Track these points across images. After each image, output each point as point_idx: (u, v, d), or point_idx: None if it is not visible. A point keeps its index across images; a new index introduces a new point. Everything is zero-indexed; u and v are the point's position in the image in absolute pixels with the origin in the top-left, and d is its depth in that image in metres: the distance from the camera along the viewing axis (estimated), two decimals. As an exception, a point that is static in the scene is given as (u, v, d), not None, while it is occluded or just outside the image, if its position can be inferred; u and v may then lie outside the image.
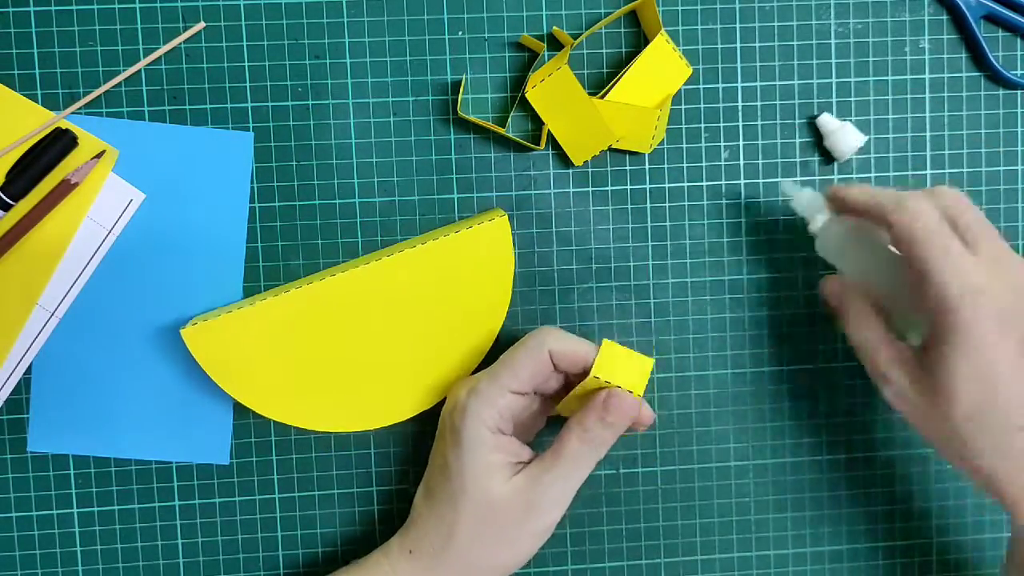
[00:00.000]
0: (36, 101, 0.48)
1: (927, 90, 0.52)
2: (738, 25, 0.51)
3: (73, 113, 0.48)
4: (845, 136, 0.50)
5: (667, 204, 0.51)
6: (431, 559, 0.46)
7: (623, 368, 0.44)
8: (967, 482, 0.54)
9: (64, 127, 0.48)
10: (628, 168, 0.51)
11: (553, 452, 0.45)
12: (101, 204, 0.49)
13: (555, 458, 0.45)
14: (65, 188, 0.48)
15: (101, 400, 0.50)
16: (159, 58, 0.49)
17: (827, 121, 0.51)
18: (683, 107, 0.51)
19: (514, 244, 0.51)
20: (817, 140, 0.51)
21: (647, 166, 0.51)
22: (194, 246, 0.49)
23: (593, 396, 0.45)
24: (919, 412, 0.43)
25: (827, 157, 0.51)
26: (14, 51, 0.48)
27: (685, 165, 0.51)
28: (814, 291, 0.52)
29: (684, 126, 0.51)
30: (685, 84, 0.50)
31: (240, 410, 0.51)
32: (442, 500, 0.45)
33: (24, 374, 0.49)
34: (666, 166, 0.51)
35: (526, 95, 0.49)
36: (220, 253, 0.49)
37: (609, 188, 0.51)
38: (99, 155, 0.48)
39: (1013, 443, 0.41)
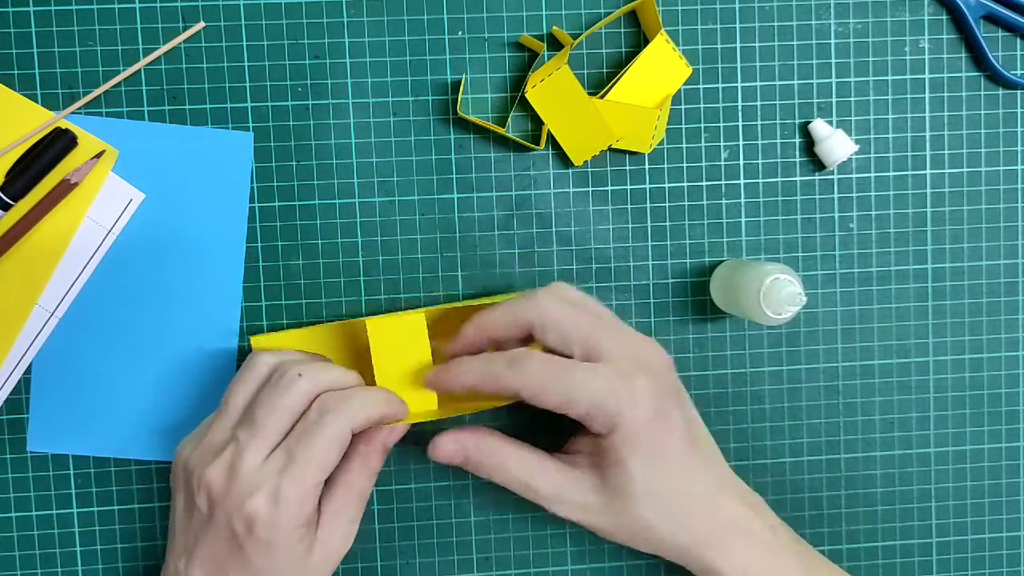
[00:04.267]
0: (36, 101, 0.48)
1: (927, 90, 0.52)
2: (738, 25, 0.51)
3: (73, 113, 0.48)
4: (835, 144, 0.50)
5: (667, 204, 0.51)
6: None
7: (398, 339, 0.44)
8: (967, 482, 0.54)
9: (64, 127, 0.48)
10: (628, 168, 0.51)
11: (342, 498, 0.44)
12: (101, 204, 0.49)
13: (345, 503, 0.44)
14: (65, 188, 0.48)
15: (101, 400, 0.50)
16: (159, 58, 0.49)
17: (819, 128, 0.51)
18: (683, 107, 0.51)
19: (515, 243, 0.51)
20: (812, 143, 0.51)
21: (647, 166, 0.51)
22: (194, 246, 0.49)
23: (365, 433, 0.45)
24: (599, 516, 0.44)
25: (819, 163, 0.51)
26: (14, 51, 0.48)
27: (685, 165, 0.51)
28: (814, 291, 0.52)
29: (684, 126, 0.51)
30: (685, 84, 0.50)
31: (240, 410, 0.51)
32: None
33: (24, 374, 0.49)
34: (666, 166, 0.51)
35: (526, 95, 0.49)
36: (220, 253, 0.49)
37: (609, 188, 0.51)
38: (99, 155, 0.48)
39: (676, 507, 0.44)
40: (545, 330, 0.43)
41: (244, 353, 0.50)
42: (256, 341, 0.48)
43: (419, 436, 0.52)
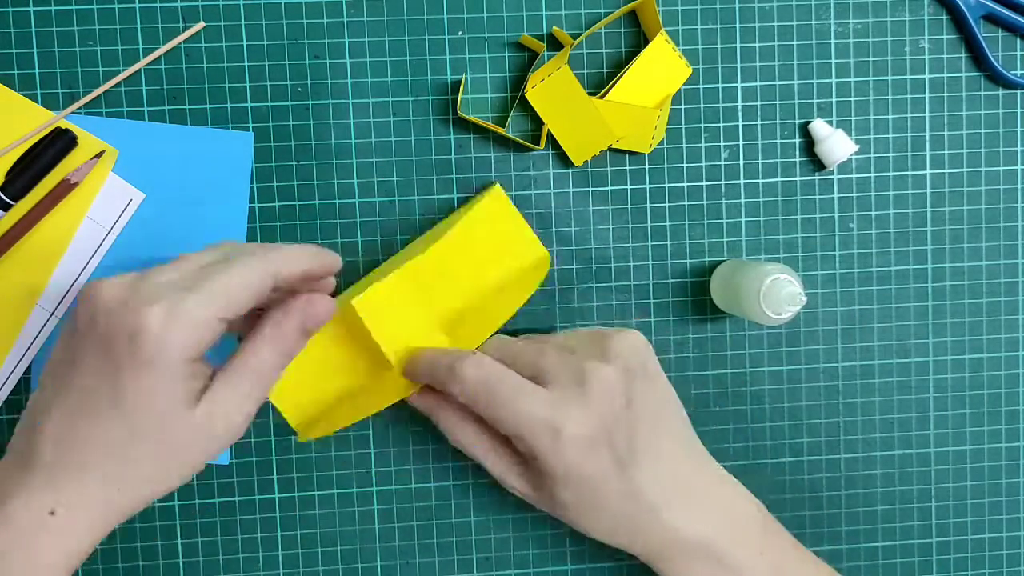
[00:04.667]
0: (36, 101, 0.48)
1: (927, 90, 0.52)
2: (738, 25, 0.51)
3: (73, 113, 0.48)
4: (835, 144, 0.50)
5: (667, 204, 0.51)
6: (87, 517, 0.36)
7: (390, 307, 0.44)
8: (967, 482, 0.54)
9: (64, 127, 0.48)
10: (628, 168, 0.51)
11: (240, 365, 0.38)
12: (101, 204, 0.49)
13: (243, 372, 0.38)
14: (65, 188, 0.48)
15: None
16: (159, 58, 0.49)
17: (819, 128, 0.51)
18: (683, 107, 0.51)
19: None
20: (812, 143, 0.51)
21: (647, 166, 0.51)
22: (194, 246, 0.49)
23: (292, 305, 0.39)
24: (538, 501, 0.45)
25: (819, 164, 0.51)
26: (14, 51, 0.48)
27: (685, 165, 0.51)
28: (814, 291, 0.52)
29: (684, 126, 0.51)
30: (685, 84, 0.50)
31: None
32: (102, 442, 0.36)
33: (24, 374, 0.49)
34: (666, 166, 0.51)
35: (526, 95, 0.49)
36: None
37: (609, 188, 0.51)
38: (99, 155, 0.48)
39: (620, 524, 0.43)
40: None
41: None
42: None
43: (420, 436, 0.52)
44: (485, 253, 0.48)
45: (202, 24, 0.49)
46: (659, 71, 0.49)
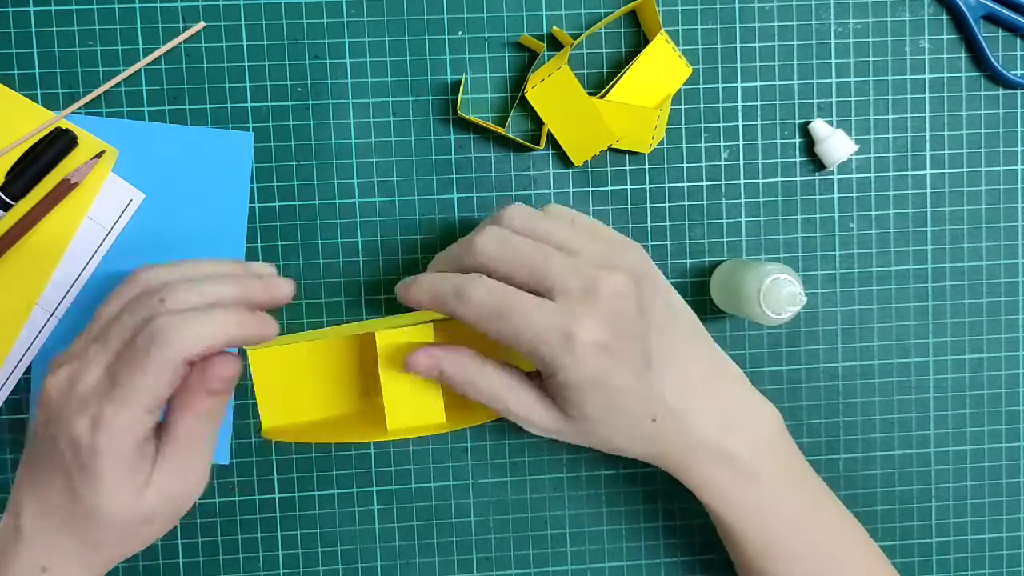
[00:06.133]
0: (36, 101, 0.48)
1: (927, 90, 0.52)
2: (738, 25, 0.51)
3: (73, 113, 0.48)
4: (835, 144, 0.50)
5: (667, 204, 0.51)
6: (73, 571, 0.40)
7: (406, 351, 0.43)
8: (967, 482, 0.54)
9: (64, 127, 0.48)
10: (628, 168, 0.51)
11: (171, 443, 0.39)
12: (101, 204, 0.49)
13: (175, 447, 0.39)
14: (65, 188, 0.48)
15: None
16: (159, 59, 0.49)
17: (819, 128, 0.51)
18: (683, 107, 0.51)
19: None
20: (812, 143, 0.51)
21: (647, 166, 0.51)
22: (194, 246, 0.49)
23: (194, 371, 0.39)
24: (570, 437, 0.44)
25: (819, 164, 0.51)
26: (14, 51, 0.48)
27: (685, 165, 0.51)
28: (814, 291, 0.52)
29: (684, 126, 0.51)
30: (685, 84, 0.50)
31: (240, 410, 0.51)
32: (79, 522, 0.39)
33: (24, 374, 0.49)
34: (666, 166, 0.51)
35: (526, 95, 0.49)
36: (220, 253, 0.49)
37: (609, 188, 0.51)
38: (99, 155, 0.48)
39: (643, 431, 0.43)
40: (492, 274, 0.42)
41: (243, 354, 0.50)
42: (254, 355, 0.46)
43: (420, 436, 0.52)
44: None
45: (202, 24, 0.49)
46: (659, 71, 0.49)
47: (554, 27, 0.50)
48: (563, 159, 0.51)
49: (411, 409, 0.44)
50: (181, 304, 0.38)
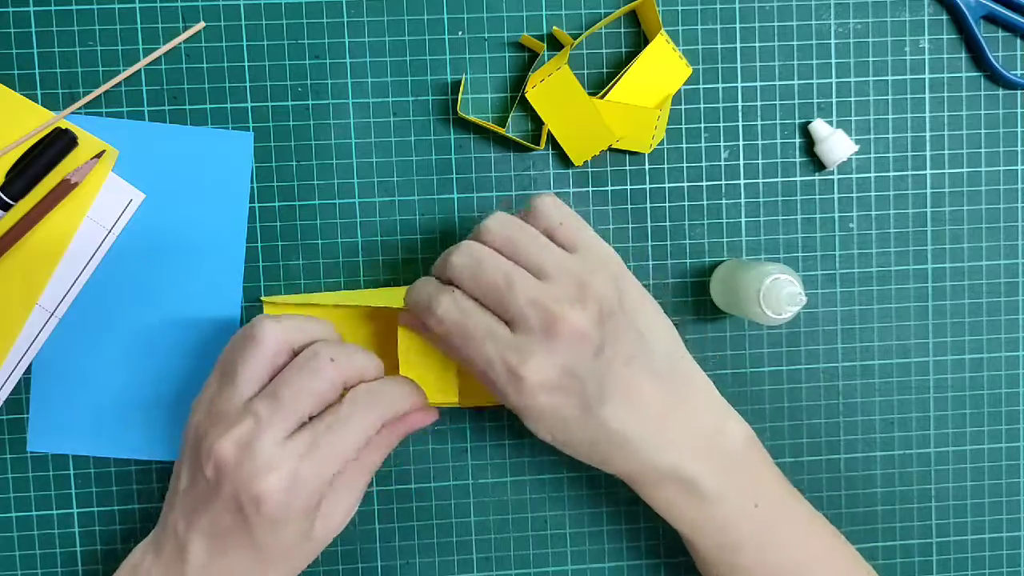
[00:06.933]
0: (36, 101, 0.48)
1: (927, 90, 0.52)
2: (738, 25, 0.51)
3: (73, 113, 0.48)
4: (835, 144, 0.50)
5: (667, 204, 0.51)
6: None
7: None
8: (967, 482, 0.54)
9: (64, 127, 0.48)
10: (628, 168, 0.51)
11: (357, 468, 0.43)
12: (101, 204, 0.49)
13: (359, 474, 0.43)
14: (65, 188, 0.48)
15: (101, 400, 0.50)
16: (159, 59, 0.49)
17: (819, 128, 0.51)
18: (683, 107, 0.51)
19: None
20: (812, 143, 0.51)
21: (647, 166, 0.51)
22: (194, 246, 0.49)
23: (409, 418, 0.44)
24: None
25: (819, 164, 0.51)
26: (14, 51, 0.48)
27: (685, 165, 0.51)
28: (814, 291, 0.52)
29: (684, 126, 0.51)
30: (685, 84, 0.50)
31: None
32: (247, 562, 0.42)
33: (24, 374, 0.49)
34: (666, 166, 0.51)
35: (526, 95, 0.49)
36: (220, 253, 0.49)
37: (609, 188, 0.51)
38: (99, 155, 0.48)
39: (594, 455, 0.44)
40: (466, 291, 0.43)
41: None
42: (270, 309, 0.49)
43: (420, 436, 0.52)
44: None
45: (202, 24, 0.49)
46: (659, 71, 0.49)
47: (554, 27, 0.50)
48: (563, 159, 0.51)
49: (427, 388, 0.45)
50: (351, 366, 0.42)
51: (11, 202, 0.47)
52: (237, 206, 0.50)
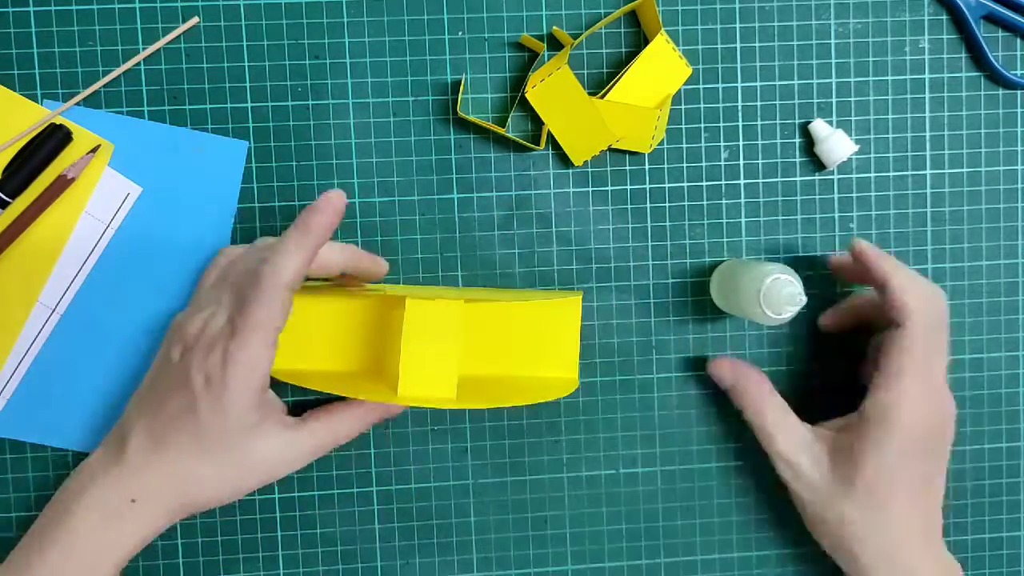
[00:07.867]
0: (36, 101, 0.48)
1: (927, 90, 0.52)
2: (738, 25, 0.51)
3: (69, 108, 0.48)
4: (835, 144, 0.50)
5: (667, 204, 0.51)
6: (158, 508, 0.43)
7: (433, 322, 0.45)
8: (967, 482, 0.54)
9: (59, 123, 0.48)
10: (628, 168, 0.51)
11: (323, 423, 0.46)
12: (98, 199, 0.49)
13: (323, 428, 0.46)
14: (62, 183, 0.47)
15: (101, 398, 0.50)
16: (159, 58, 0.49)
17: (819, 128, 0.51)
18: (683, 107, 0.51)
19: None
20: (812, 143, 0.51)
21: (647, 166, 0.51)
22: (179, 245, 0.49)
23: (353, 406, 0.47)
24: (809, 492, 0.47)
25: (819, 164, 0.51)
26: (14, 51, 0.48)
27: (685, 165, 0.51)
28: (816, 291, 0.52)
29: (684, 126, 0.51)
30: (685, 84, 0.50)
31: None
32: (184, 455, 0.43)
33: (26, 372, 0.49)
34: (666, 166, 0.51)
35: (526, 95, 0.49)
36: (205, 255, 0.49)
37: (609, 188, 0.51)
38: (95, 149, 0.48)
39: (897, 552, 0.46)
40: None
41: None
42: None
43: (420, 436, 0.51)
44: (530, 343, 0.49)
45: (196, 19, 0.49)
46: (659, 71, 0.49)
47: (554, 27, 0.50)
48: (563, 159, 0.51)
49: (426, 379, 0.45)
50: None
51: (8, 200, 0.47)
52: (224, 210, 0.49)
